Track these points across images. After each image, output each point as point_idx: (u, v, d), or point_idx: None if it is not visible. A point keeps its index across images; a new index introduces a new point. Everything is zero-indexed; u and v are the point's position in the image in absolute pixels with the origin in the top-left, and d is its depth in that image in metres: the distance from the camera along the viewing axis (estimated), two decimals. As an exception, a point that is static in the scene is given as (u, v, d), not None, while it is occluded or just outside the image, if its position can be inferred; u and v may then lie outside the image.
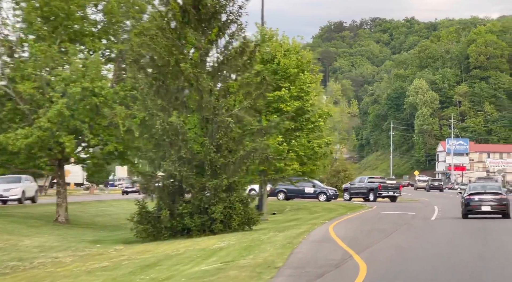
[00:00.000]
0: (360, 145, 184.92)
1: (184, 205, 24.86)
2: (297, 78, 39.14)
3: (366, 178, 56.28)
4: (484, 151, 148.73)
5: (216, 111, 24.96)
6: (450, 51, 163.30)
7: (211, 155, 24.66)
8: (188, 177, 24.57)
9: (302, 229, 22.57)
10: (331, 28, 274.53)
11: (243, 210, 25.15)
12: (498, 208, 28.90)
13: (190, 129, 25.62)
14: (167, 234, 24.62)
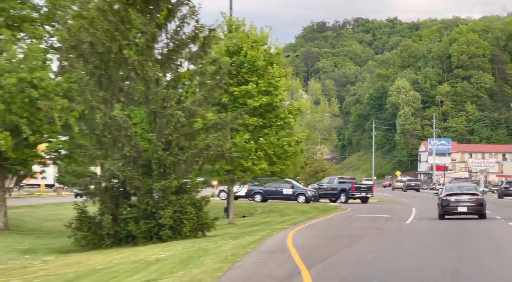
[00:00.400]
0: (342, 145, 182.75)
1: (129, 209, 22.09)
2: (265, 71, 36.45)
3: (336, 178, 53.64)
4: (466, 151, 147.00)
5: (165, 103, 22.20)
6: (432, 51, 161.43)
7: (158, 152, 21.91)
8: (132, 178, 21.79)
9: (258, 236, 19.90)
10: (314, 28, 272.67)
11: (195, 215, 22.43)
12: (475, 208, 28.66)
13: (136, 125, 22.87)
14: (109, 242, 21.84)
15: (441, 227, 24.23)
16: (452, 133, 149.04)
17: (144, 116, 22.66)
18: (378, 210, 39.94)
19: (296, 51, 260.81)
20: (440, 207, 29.32)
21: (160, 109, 22.23)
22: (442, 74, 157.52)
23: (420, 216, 33.44)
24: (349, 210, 40.21)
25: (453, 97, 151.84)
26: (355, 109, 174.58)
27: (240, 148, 35.30)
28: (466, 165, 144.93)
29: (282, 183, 50.06)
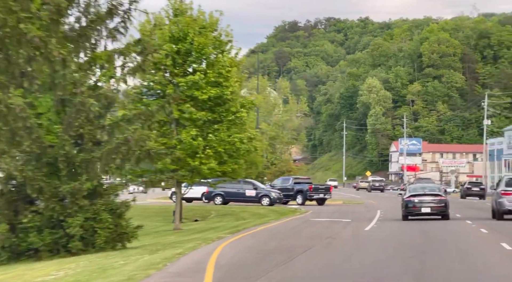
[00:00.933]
0: (313, 145, 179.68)
1: (31, 216, 18.24)
2: (215, 61, 32.75)
3: (291, 179, 49.98)
4: (437, 151, 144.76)
5: (75, 89, 18.38)
6: (403, 50, 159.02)
7: (65, 148, 18.08)
8: (34, 179, 17.94)
9: (182, 249, 16.19)
10: (286, 28, 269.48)
11: (113, 223, 18.66)
12: (438, 209, 28.59)
13: (42, 115, 19.02)
14: (5, 257, 17.97)
15: (403, 234, 20.85)
16: (423, 133, 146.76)
17: (51, 105, 18.81)
18: (341, 213, 36.52)
19: (268, 51, 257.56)
20: (404, 208, 29.12)
21: (70, 96, 18.40)
22: (413, 74, 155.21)
23: (384, 219, 30.12)
24: (309, 213, 36.75)
25: (424, 97, 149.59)
26: (326, 109, 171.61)
27: (187, 145, 31.62)
28: (437, 165, 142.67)
29: (244, 184, 46.42)
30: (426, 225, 25.57)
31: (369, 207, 44.57)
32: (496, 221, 28.25)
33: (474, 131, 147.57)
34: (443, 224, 26.40)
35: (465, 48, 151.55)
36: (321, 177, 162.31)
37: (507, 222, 27.55)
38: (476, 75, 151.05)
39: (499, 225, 25.76)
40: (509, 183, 29.37)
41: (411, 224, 26.54)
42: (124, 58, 19.64)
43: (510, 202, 28.38)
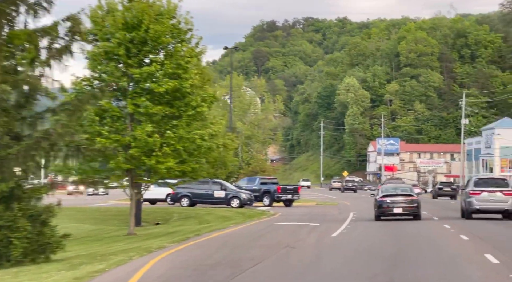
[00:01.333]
0: (291, 145, 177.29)
1: None
2: (173, 51, 29.90)
3: (257, 179, 47.11)
4: (414, 151, 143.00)
5: (-13, 74, 15.46)
6: (380, 49, 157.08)
7: (-26, 143, 15.16)
8: None
9: (105, 265, 13.37)
10: (264, 27, 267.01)
11: (33, 231, 15.76)
12: (410, 209, 28.70)
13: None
14: None
15: (372, 241, 18.23)
16: (401, 133, 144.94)
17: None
18: (311, 216, 33.88)
19: (246, 51, 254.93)
20: (376, 208, 29.21)
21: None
22: (390, 73, 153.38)
23: (356, 222, 27.56)
24: (277, 216, 34.09)
25: (401, 96, 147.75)
26: (304, 108, 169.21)
27: (142, 143, 28.74)
28: (415, 165, 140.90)
29: (213, 185, 43.55)
30: (399, 228, 23.10)
31: (342, 209, 42.03)
32: (469, 222, 28.44)
33: (452, 131, 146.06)
34: (417, 227, 23.97)
35: (443, 47, 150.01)
36: (299, 177, 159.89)
37: (485, 225, 26.70)
38: (454, 75, 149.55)
39: (477, 229, 23.92)
40: (477, 183, 30.32)
41: (383, 227, 24.04)
42: (50, 39, 16.74)
43: (478, 201, 29.45)
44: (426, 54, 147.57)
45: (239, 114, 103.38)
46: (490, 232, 22.69)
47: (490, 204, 29.59)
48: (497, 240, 19.13)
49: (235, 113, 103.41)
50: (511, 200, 29.46)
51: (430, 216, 32.04)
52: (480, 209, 29.66)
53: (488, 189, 29.68)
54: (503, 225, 26.57)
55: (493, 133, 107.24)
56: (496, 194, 29.51)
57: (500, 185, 30.15)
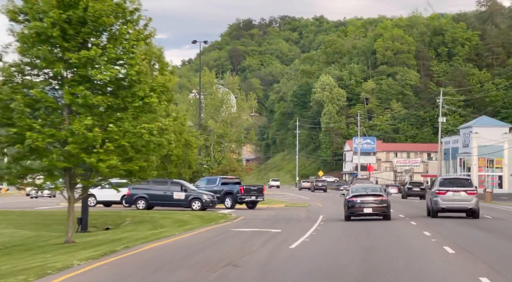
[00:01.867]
0: (266, 144, 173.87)
1: None
2: (118, 33, 26.13)
3: (218, 179, 43.29)
4: (391, 150, 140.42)
5: None
6: (357, 47, 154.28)
7: None
8: None
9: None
10: (240, 26, 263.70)
11: None
12: (379, 209, 28.68)
13: None
14: None
15: (337, 256, 14.75)
16: (377, 132, 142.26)
17: None
18: (275, 220, 30.40)
19: (222, 50, 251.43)
20: (346, 209, 29.17)
21: None
22: (367, 71, 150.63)
23: (323, 228, 24.16)
24: (238, 220, 30.56)
25: (378, 95, 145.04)
26: (279, 107, 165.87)
27: (80, 138, 24.99)
28: (391, 165, 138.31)
29: (172, 186, 39.70)
30: (369, 236, 19.75)
31: (313, 211, 38.63)
32: (436, 220, 29.24)
33: (429, 130, 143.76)
34: (390, 233, 20.64)
35: (420, 45, 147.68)
36: (274, 177, 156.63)
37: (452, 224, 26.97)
38: (431, 73, 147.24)
39: (457, 237, 21.46)
40: (443, 183, 31.30)
41: (352, 234, 20.69)
42: None
43: (444, 200, 30.49)
44: (402, 52, 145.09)
45: (211, 112, 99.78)
46: (455, 230, 23.74)
47: (455, 203, 30.61)
48: (458, 236, 20.50)
49: (207, 111, 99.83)
50: (474, 199, 30.53)
51: (402, 217, 31.89)
52: (446, 207, 30.74)
53: (453, 189, 30.59)
54: (465, 223, 27.86)
55: (470, 132, 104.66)
56: (460, 194, 30.48)
57: (464, 185, 31.16)
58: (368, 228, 24.35)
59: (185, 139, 48.07)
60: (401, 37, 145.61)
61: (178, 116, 47.93)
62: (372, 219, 28.64)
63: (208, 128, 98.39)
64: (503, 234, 22.72)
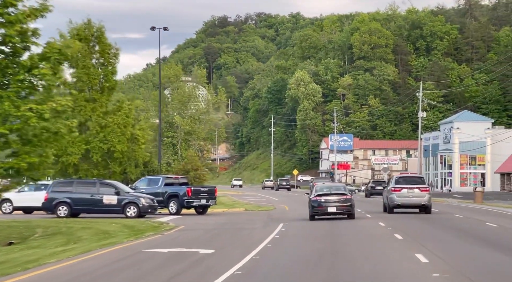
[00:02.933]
0: (241, 143, 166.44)
1: None
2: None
3: (161, 179, 35.66)
4: (369, 148, 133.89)
5: None
6: (333, 41, 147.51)
7: None
8: None
9: None
10: (215, 23, 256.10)
11: None
12: (343, 208, 28.36)
13: None
14: None
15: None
16: (354, 129, 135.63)
17: None
18: (220, 231, 23.28)
19: (197, 47, 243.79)
20: (311, 208, 28.70)
21: None
22: (343, 66, 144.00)
23: (274, 246, 17.07)
24: (175, 231, 23.43)
25: (355, 90, 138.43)
26: (253, 104, 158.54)
27: None
28: (369, 163, 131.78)
29: (102, 187, 32.08)
30: (327, 259, 12.84)
31: (275, 216, 31.55)
32: (394, 215, 31.31)
33: (408, 126, 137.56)
34: (357, 252, 13.76)
35: (397, 39, 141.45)
36: (248, 177, 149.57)
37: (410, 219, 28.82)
38: (409, 68, 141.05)
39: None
40: (398, 181, 32.91)
41: (306, 259, 13.71)
42: None
43: (399, 197, 32.23)
44: (380, 46, 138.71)
45: (177, 107, 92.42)
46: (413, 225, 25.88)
47: (409, 199, 32.34)
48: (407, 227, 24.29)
49: (173, 107, 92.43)
50: (427, 196, 32.32)
51: (368, 217, 31.19)
52: (401, 204, 32.49)
53: (407, 186, 32.17)
54: (417, 217, 30.15)
55: (452, 127, 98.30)
56: (414, 191, 32.15)
57: (417, 182, 32.78)
58: (327, 247, 17.28)
59: (130, 133, 40.80)
60: (379, 31, 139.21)
61: (122, 107, 40.65)
62: (336, 219, 28.30)
63: (175, 124, 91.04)
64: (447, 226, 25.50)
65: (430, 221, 27.88)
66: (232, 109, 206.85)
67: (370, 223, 26.34)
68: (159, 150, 62.75)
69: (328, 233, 22.42)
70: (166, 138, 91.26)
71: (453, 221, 28.53)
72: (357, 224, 25.95)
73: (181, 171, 57.53)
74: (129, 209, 30.92)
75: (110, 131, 39.79)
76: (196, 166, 59.41)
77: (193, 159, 61.07)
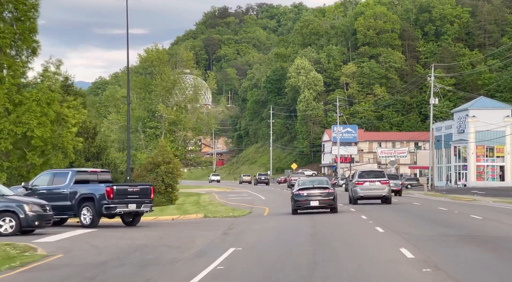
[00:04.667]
0: (239, 136, 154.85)
1: None
2: None
3: (70, 173, 22.62)
4: (374, 140, 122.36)
5: None
6: (336, 27, 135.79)
7: None
8: None
9: None
10: (216, 14, 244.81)
11: None
12: (326, 202, 27.85)
13: None
14: None
15: None
16: (359, 119, 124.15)
17: None
18: (99, 275, 12.11)
19: (197, 38, 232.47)
20: (293, 202, 27.82)
21: None
22: (347, 53, 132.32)
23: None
24: (25, 271, 12.34)
25: (359, 79, 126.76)
26: (252, 94, 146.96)
27: None
28: (375, 156, 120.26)
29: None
30: None
31: (235, 230, 20.36)
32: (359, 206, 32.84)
33: (416, 117, 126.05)
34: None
35: (405, 23, 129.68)
36: (246, 171, 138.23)
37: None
38: (417, 54, 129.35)
39: None
40: (361, 175, 36.02)
41: None
42: None
43: (362, 190, 35.21)
44: (386, 32, 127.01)
45: (161, 95, 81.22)
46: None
47: (371, 191, 35.25)
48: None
49: (156, 94, 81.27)
50: (387, 188, 35.33)
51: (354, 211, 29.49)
52: (364, 195, 35.31)
53: (369, 180, 35.17)
54: (380, 206, 33.14)
55: (467, 115, 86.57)
56: (375, 184, 35.09)
57: (378, 176, 35.88)
58: None
59: (55, 112, 29.66)
60: (384, 15, 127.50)
61: (45, 77, 29.53)
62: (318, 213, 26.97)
63: (158, 113, 79.91)
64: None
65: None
66: (233, 103, 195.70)
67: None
68: (127, 139, 51.79)
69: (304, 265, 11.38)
70: (149, 129, 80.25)
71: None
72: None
73: (150, 165, 46.17)
74: (2, 222, 19.49)
75: (26, 111, 28.70)
76: (168, 158, 47.78)
77: (165, 149, 49.46)
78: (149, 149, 79.46)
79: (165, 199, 44.13)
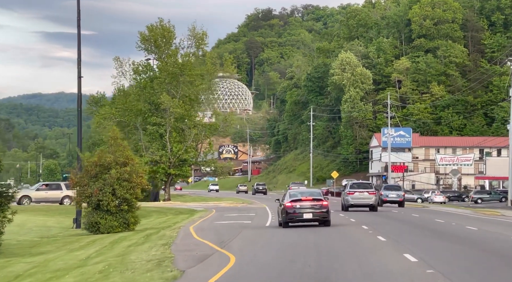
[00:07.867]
0: (277, 141, 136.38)
1: None
2: None
3: None
4: (431, 145, 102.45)
5: None
6: (387, 17, 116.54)
7: None
8: None
9: None
10: (259, 16, 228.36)
11: None
12: (319, 215, 26.35)
13: None
14: None
15: None
16: (413, 123, 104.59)
17: None
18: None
19: (238, 42, 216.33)
20: (285, 214, 25.96)
21: None
22: (399, 47, 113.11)
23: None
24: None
25: (414, 76, 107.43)
26: (291, 95, 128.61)
27: None
28: (432, 164, 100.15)
29: None
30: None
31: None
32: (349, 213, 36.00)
33: (480, 119, 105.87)
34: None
35: (468, 12, 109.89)
36: (284, 181, 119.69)
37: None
38: (482, 47, 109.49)
39: None
40: (352, 186, 41.21)
41: None
42: None
43: (352, 199, 40.10)
44: (445, 22, 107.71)
45: (165, 82, 63.83)
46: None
47: (360, 200, 40.12)
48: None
49: (160, 82, 63.91)
50: (374, 197, 40.11)
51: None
52: (354, 204, 40.18)
53: (359, 190, 40.25)
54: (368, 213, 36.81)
55: (555, 111, 66.49)
56: (364, 194, 39.88)
57: (367, 187, 40.84)
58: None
59: None
60: (444, 3, 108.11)
61: None
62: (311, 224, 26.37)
63: (162, 106, 62.45)
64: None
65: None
66: (276, 108, 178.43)
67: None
68: (78, 132, 34.55)
69: None
70: (150, 126, 62.75)
71: None
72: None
73: (95, 167, 27.74)
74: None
75: None
76: (124, 159, 29.13)
77: (120, 148, 30.13)
78: (150, 150, 62.04)
79: (118, 223, 26.93)
